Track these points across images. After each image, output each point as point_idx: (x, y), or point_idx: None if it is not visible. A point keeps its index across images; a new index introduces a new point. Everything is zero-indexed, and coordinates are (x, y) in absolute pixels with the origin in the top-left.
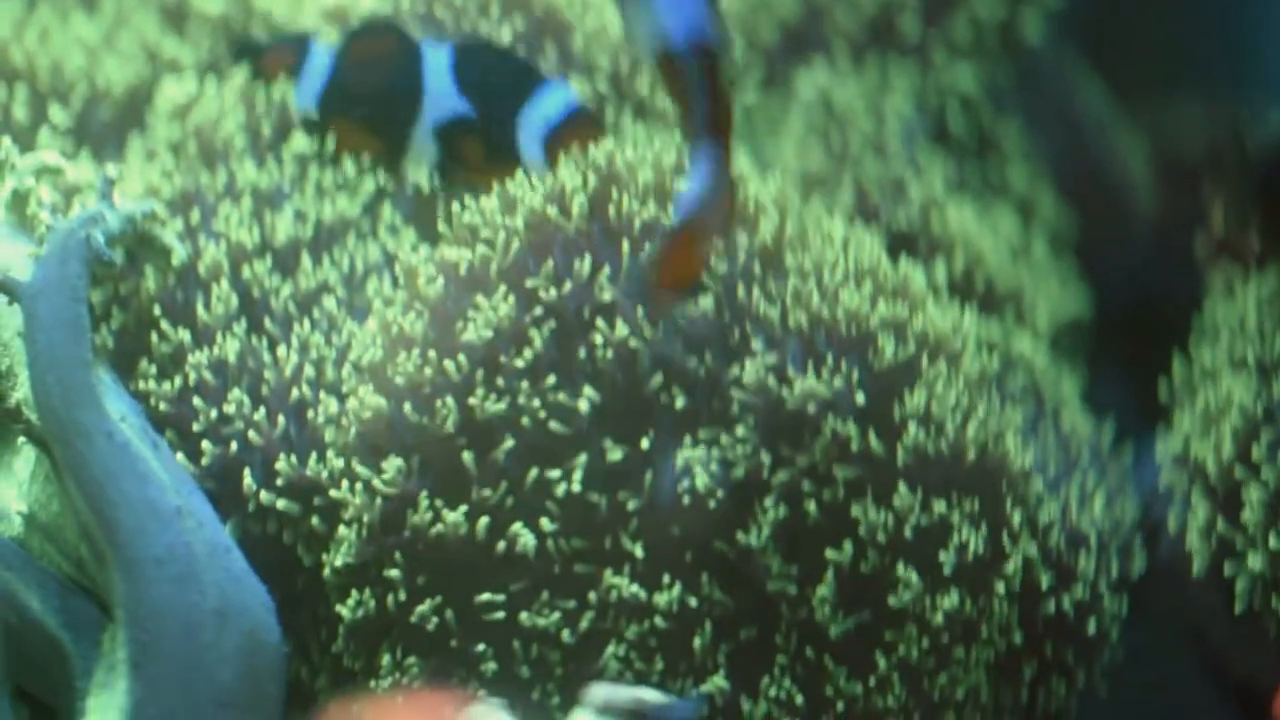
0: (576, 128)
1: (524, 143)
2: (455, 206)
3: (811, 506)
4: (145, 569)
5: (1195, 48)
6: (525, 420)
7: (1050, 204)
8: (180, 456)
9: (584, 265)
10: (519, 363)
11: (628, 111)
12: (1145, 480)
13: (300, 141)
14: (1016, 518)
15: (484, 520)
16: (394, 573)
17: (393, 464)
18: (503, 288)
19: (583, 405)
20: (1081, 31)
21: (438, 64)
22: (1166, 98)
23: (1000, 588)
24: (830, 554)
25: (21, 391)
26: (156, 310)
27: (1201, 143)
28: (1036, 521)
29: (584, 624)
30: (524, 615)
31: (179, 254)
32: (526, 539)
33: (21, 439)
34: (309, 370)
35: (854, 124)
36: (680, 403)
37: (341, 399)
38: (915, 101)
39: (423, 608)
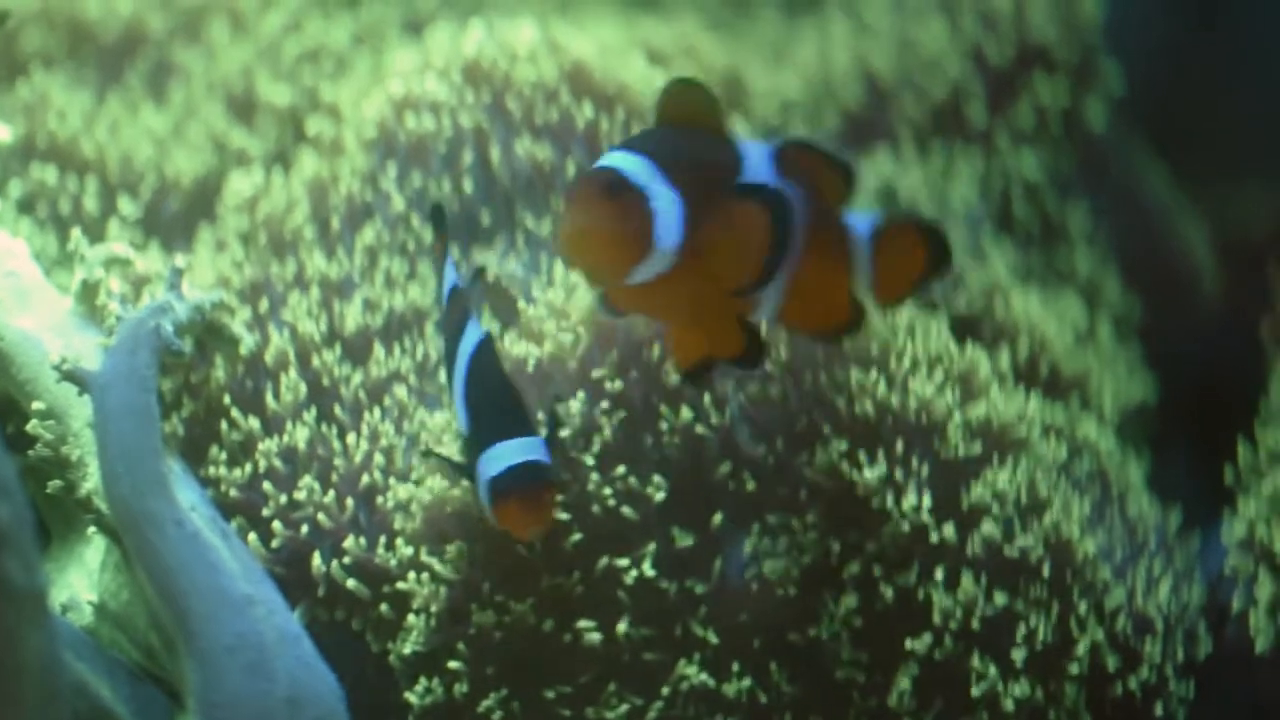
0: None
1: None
2: (522, 302)
3: (883, 595)
4: (216, 657)
5: (1259, 131)
6: (596, 509)
7: (1115, 289)
8: (251, 540)
9: (651, 353)
10: (588, 457)
11: None
12: (1211, 564)
13: (369, 233)
14: (1083, 604)
15: (551, 611)
16: (461, 663)
17: (462, 554)
18: (573, 383)
19: (653, 493)
20: (1145, 116)
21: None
22: (1231, 181)
23: (1068, 673)
24: (908, 643)
25: (92, 481)
26: (226, 399)
27: (1266, 226)
28: (1103, 607)
29: (652, 715)
30: (592, 708)
31: (247, 343)
32: (593, 635)
33: (92, 529)
34: (379, 458)
35: (918, 210)
36: (749, 488)
37: (413, 486)
38: (979, 188)
39: (490, 699)
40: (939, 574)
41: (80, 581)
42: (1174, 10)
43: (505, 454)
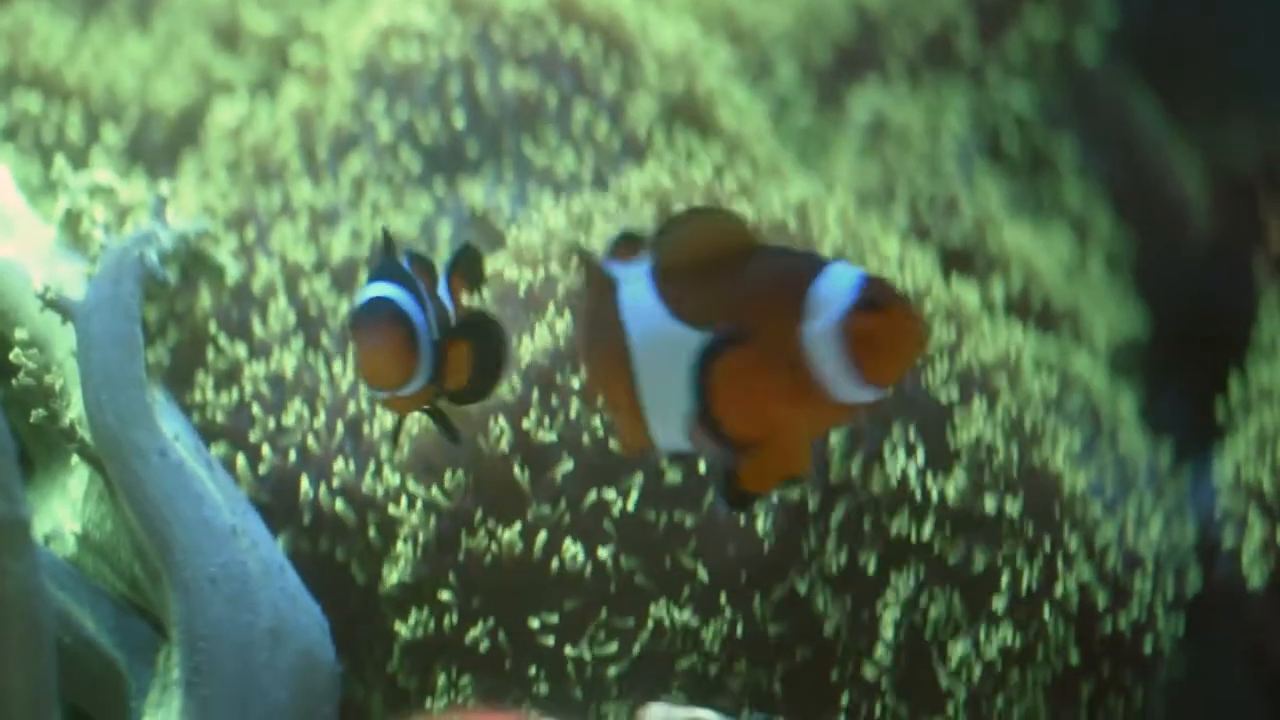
0: None
1: None
2: (514, 227)
3: (871, 531)
4: (200, 588)
5: (1251, 64)
6: (585, 439)
7: (1106, 222)
8: (237, 465)
9: None
10: (576, 382)
11: (689, 131)
12: (1202, 499)
13: (356, 163)
14: (1073, 540)
15: (539, 539)
16: (449, 592)
17: (448, 481)
18: (563, 309)
19: None
20: (1137, 49)
21: None
22: (1222, 114)
23: (1056, 610)
24: (891, 583)
25: (75, 411)
26: (212, 326)
27: (1258, 159)
28: (1093, 543)
29: (639, 645)
30: (579, 636)
31: (232, 272)
32: (579, 556)
33: (75, 458)
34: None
35: (909, 143)
36: None
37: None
38: (970, 121)
39: (477, 628)
40: (927, 511)
41: (63, 511)
42: None
43: (366, 291)
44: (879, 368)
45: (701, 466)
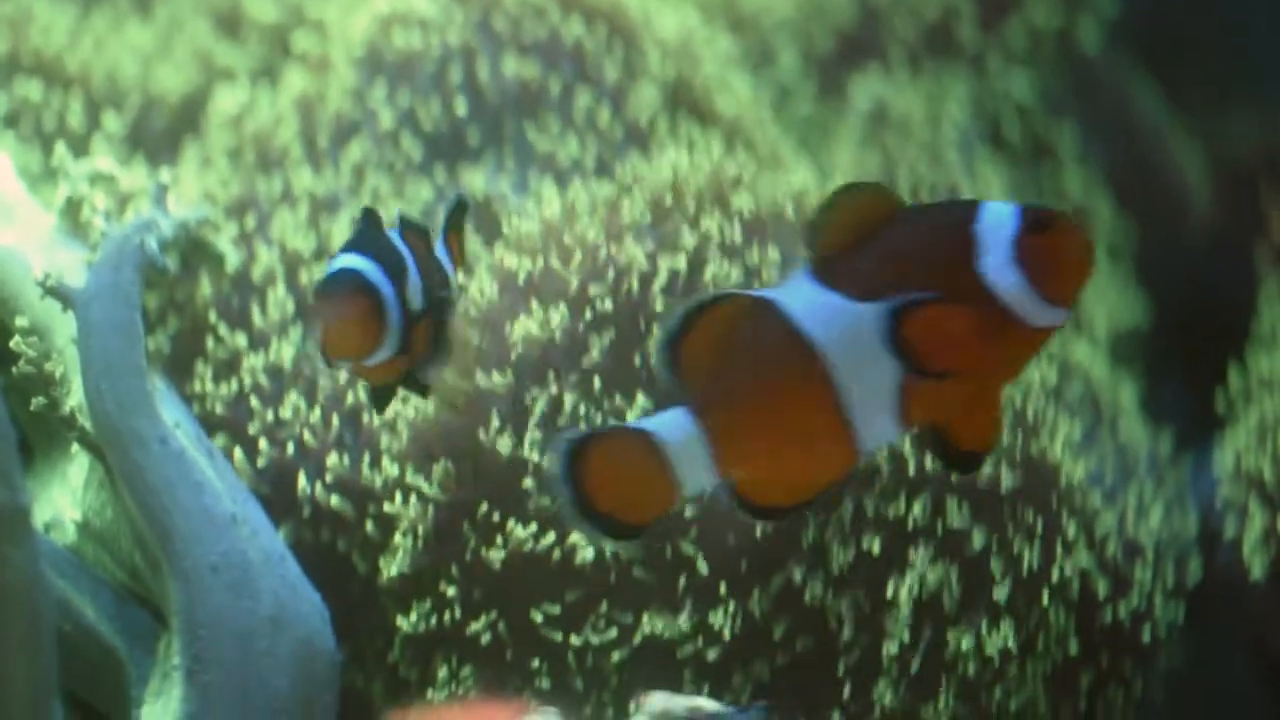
0: None
1: None
2: (515, 216)
3: (869, 522)
4: (200, 576)
5: (1253, 53)
6: (583, 429)
7: (1107, 211)
8: (236, 456)
9: (641, 275)
10: (574, 373)
11: (690, 120)
12: (1203, 488)
13: (356, 150)
14: (1073, 528)
15: (539, 531)
16: (449, 583)
17: (446, 471)
18: (560, 300)
19: (638, 413)
20: (1138, 38)
21: None
22: (1224, 104)
23: (1056, 598)
24: (891, 572)
25: (75, 398)
26: (212, 315)
27: (1260, 149)
28: (1093, 531)
29: (640, 635)
30: (580, 627)
31: (232, 260)
32: (585, 551)
33: (75, 446)
34: None
35: (910, 132)
36: None
37: (403, 400)
38: (971, 109)
39: (478, 619)
40: (925, 500)
41: (63, 499)
42: None
43: (335, 261)
44: (1060, 285)
45: None
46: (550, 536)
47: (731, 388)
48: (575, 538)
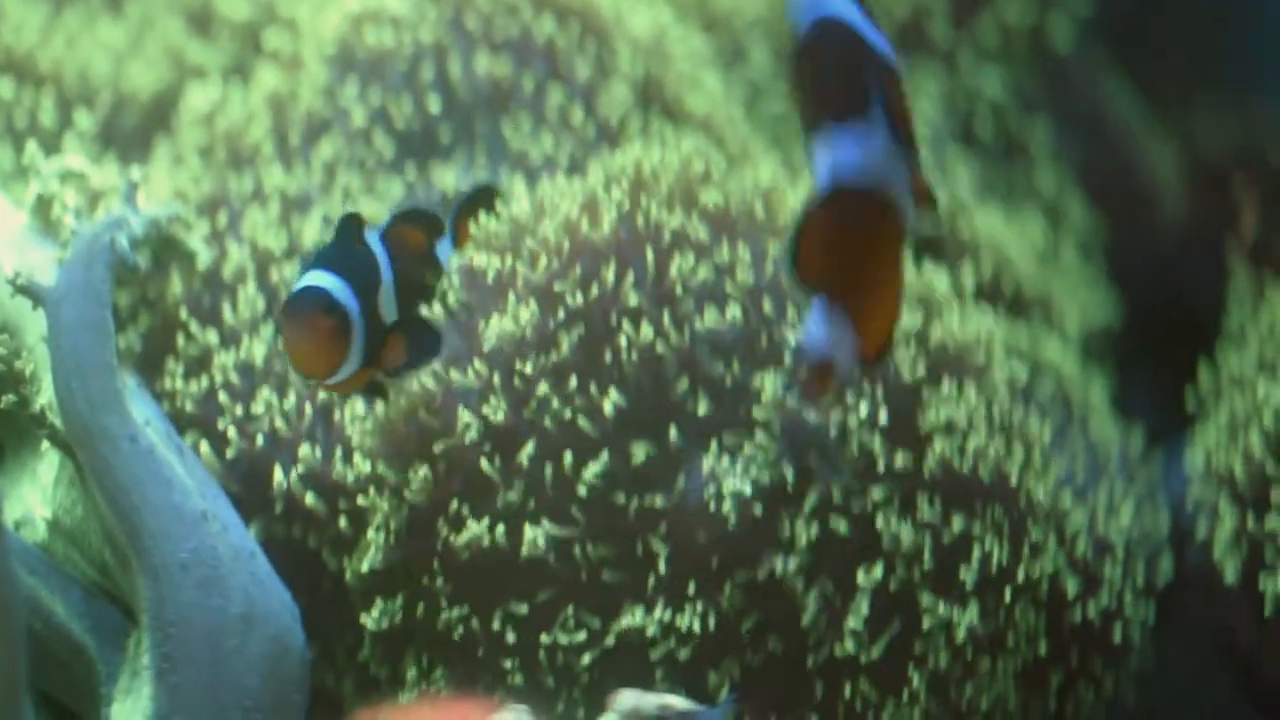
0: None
1: None
2: (484, 214)
3: (839, 521)
4: (170, 574)
5: (1224, 52)
6: (549, 423)
7: (1079, 209)
8: (206, 453)
9: (611, 271)
10: (545, 367)
11: (660, 117)
12: (1173, 487)
13: (328, 148)
14: (1043, 528)
15: (508, 526)
16: (420, 580)
17: (418, 470)
18: (530, 295)
19: (608, 407)
20: (1110, 36)
21: None
22: (1195, 102)
23: (1026, 597)
24: (860, 570)
25: (46, 396)
26: (183, 313)
27: (1231, 147)
28: (1063, 530)
29: (611, 632)
30: (550, 624)
31: (203, 257)
32: (541, 538)
33: (46, 444)
34: None
35: None
36: (706, 409)
37: (368, 402)
38: (943, 106)
39: (448, 616)
40: (895, 499)
41: (34, 497)
42: None
43: (303, 278)
44: None
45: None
46: (521, 534)
47: (850, 275)
48: (539, 533)
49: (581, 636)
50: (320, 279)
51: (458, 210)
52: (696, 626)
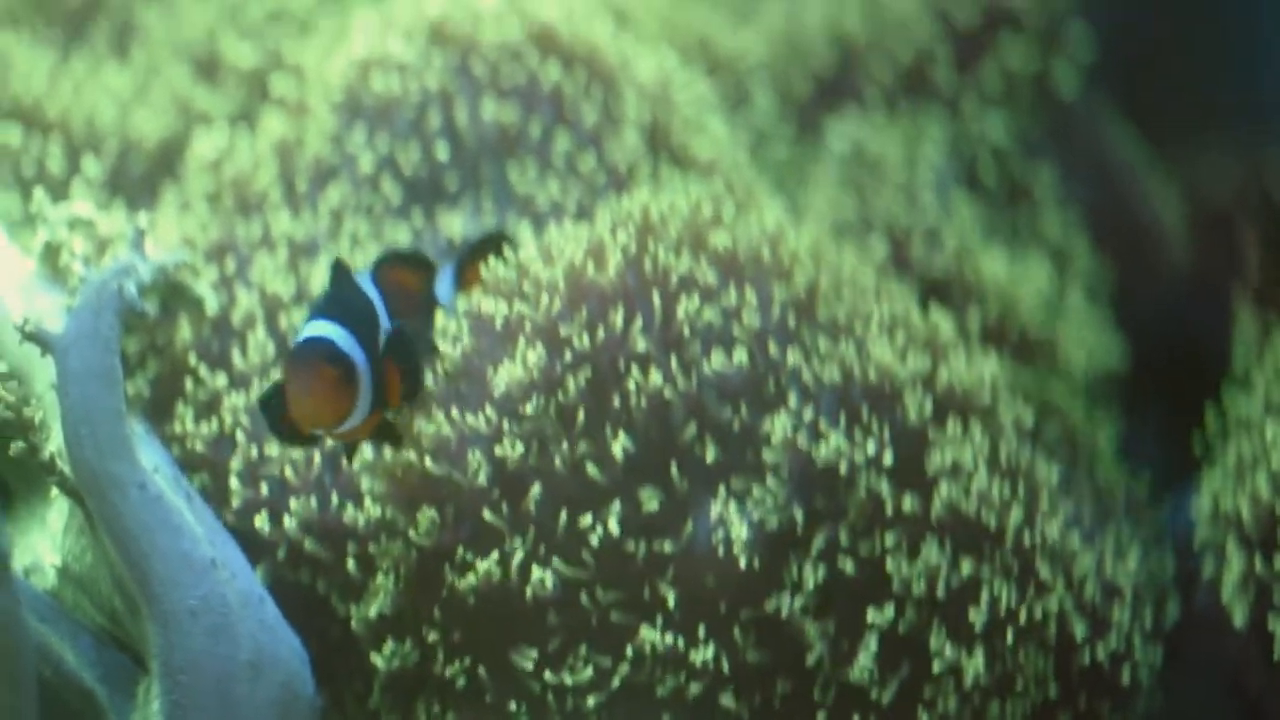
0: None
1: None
2: (492, 259)
3: (847, 564)
4: (179, 621)
5: (1228, 96)
6: (558, 466)
7: (1084, 253)
8: (214, 498)
9: (618, 316)
10: (552, 411)
11: (666, 162)
12: (1181, 530)
13: (335, 194)
14: (1051, 571)
15: (517, 571)
16: (428, 625)
17: (426, 515)
18: (537, 340)
19: (617, 452)
20: (1114, 80)
21: None
22: (1200, 145)
23: (1034, 640)
24: (870, 614)
25: (54, 444)
26: (192, 358)
27: (1236, 190)
28: (1071, 574)
29: (618, 677)
30: (559, 666)
31: (211, 304)
32: (548, 579)
33: (55, 491)
34: None
35: (886, 173)
36: (714, 454)
37: (377, 448)
38: (947, 151)
39: (457, 661)
40: (902, 543)
41: (43, 544)
42: None
43: (305, 329)
44: None
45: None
46: (530, 577)
47: None
48: (548, 577)
49: (588, 675)
50: (322, 329)
51: (467, 254)
52: (707, 667)
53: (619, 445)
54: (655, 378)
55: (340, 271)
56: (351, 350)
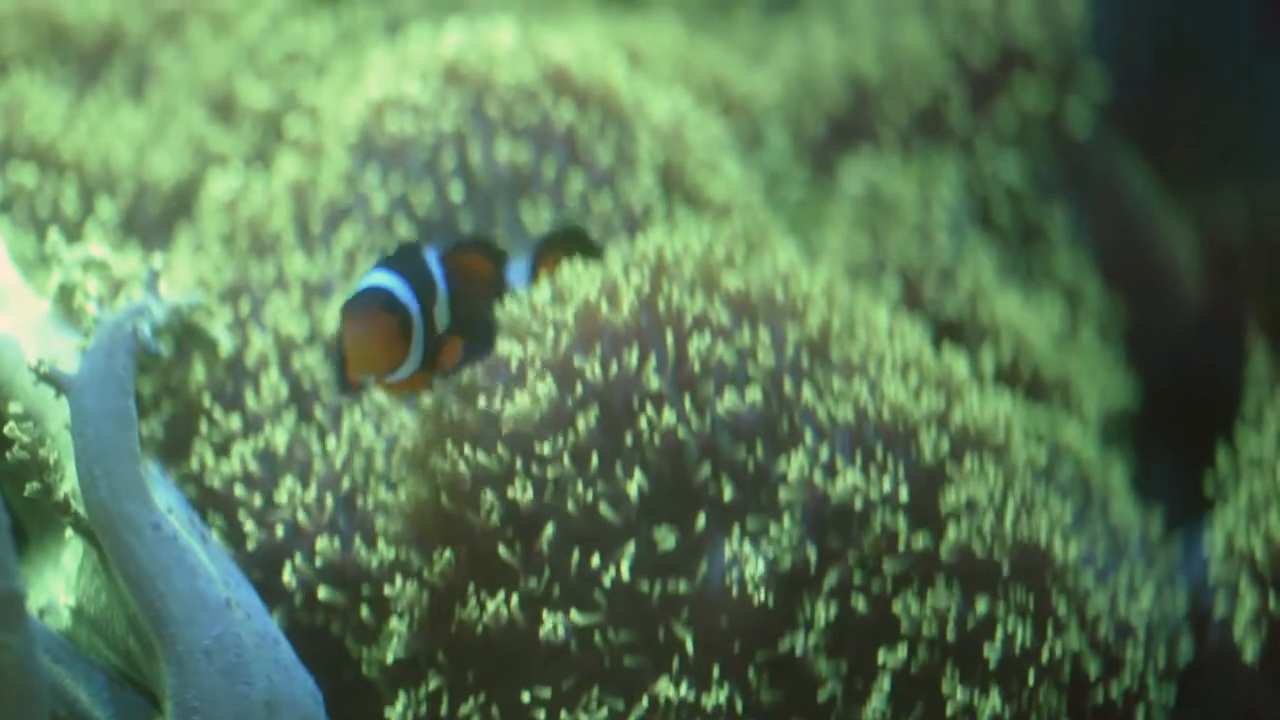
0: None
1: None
2: (505, 300)
3: (860, 603)
4: (194, 661)
5: (1240, 134)
6: (571, 507)
7: (1097, 292)
8: (229, 538)
9: (632, 355)
10: (565, 450)
11: (680, 202)
12: (1194, 568)
13: (349, 235)
14: (1065, 610)
15: (530, 612)
16: (442, 667)
17: (442, 556)
18: (551, 380)
19: (631, 491)
20: (1127, 120)
21: None
22: (1213, 185)
23: (1048, 679)
24: (883, 653)
25: (69, 484)
26: (206, 400)
27: (1249, 229)
28: (1085, 613)
29: (633, 714)
30: (574, 707)
31: (225, 345)
32: (561, 626)
33: (69, 531)
34: (359, 460)
35: (900, 214)
36: (728, 494)
37: (392, 488)
38: (962, 191)
39: (471, 703)
40: (915, 581)
41: (57, 584)
42: (1157, 14)
43: (364, 280)
44: None
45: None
46: (544, 619)
47: None
48: (561, 619)
49: (603, 717)
50: (382, 279)
51: (543, 243)
52: (720, 710)
53: (633, 485)
54: (669, 417)
55: (409, 247)
56: (409, 301)
